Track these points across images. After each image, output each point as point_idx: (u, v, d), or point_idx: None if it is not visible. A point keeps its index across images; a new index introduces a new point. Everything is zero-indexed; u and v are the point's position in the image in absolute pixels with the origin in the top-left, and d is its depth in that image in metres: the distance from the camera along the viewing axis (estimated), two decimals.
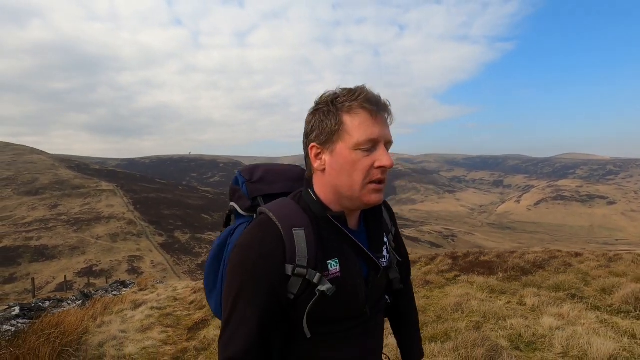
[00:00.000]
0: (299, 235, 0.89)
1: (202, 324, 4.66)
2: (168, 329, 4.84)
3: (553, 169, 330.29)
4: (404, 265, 1.17)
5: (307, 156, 0.96)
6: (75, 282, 42.07)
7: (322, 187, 0.95)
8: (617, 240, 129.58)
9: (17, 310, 6.14)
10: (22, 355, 3.06)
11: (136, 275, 44.03)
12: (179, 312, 5.84)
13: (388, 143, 0.92)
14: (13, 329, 4.42)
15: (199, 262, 60.41)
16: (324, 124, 0.91)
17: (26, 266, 54.50)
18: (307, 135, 0.95)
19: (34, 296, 11.82)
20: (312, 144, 0.93)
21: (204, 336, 4.15)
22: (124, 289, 11.74)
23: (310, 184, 0.98)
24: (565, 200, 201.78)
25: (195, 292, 7.29)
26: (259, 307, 0.86)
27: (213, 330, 4.38)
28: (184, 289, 8.24)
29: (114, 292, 11.00)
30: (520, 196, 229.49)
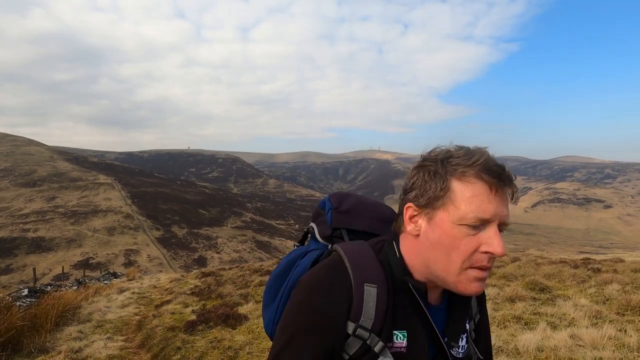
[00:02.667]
0: (370, 293, 0.77)
1: (167, 302, 5.91)
2: (141, 306, 6.06)
3: (551, 172, 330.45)
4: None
5: (400, 213, 0.83)
6: (72, 275, 41.65)
7: (410, 252, 0.81)
8: (612, 243, 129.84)
9: (25, 291, 7.95)
10: (37, 313, 4.20)
11: (128, 270, 43.69)
12: (153, 296, 6.80)
13: (503, 225, 0.75)
14: (26, 303, 5.73)
15: (195, 257, 60.02)
16: (427, 185, 0.77)
17: (23, 258, 54.12)
18: (405, 192, 0.82)
19: (34, 283, 12.29)
20: (409, 204, 0.79)
21: (164, 309, 5.49)
22: (114, 279, 12.69)
23: (397, 239, 0.84)
24: (562, 202, 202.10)
25: (171, 282, 8.31)
26: (310, 355, 0.76)
27: (172, 306, 5.64)
28: (165, 279, 9.16)
29: (105, 281, 12.37)
30: (518, 198, 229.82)
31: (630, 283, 5.46)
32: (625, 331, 3.36)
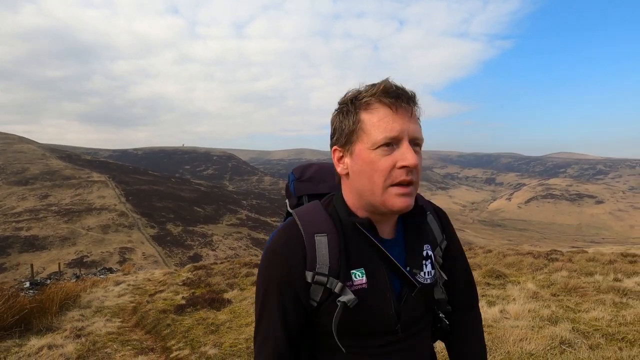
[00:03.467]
0: (321, 242, 0.84)
1: (160, 292, 6.35)
2: (136, 295, 6.47)
3: (545, 168, 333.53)
4: (461, 288, 1.00)
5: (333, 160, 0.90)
6: (66, 273, 41.79)
7: (348, 193, 0.88)
8: (603, 238, 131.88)
9: (27, 284, 8.50)
10: (43, 299, 4.57)
11: (123, 266, 43.89)
12: (148, 287, 7.20)
13: (414, 139, 0.81)
14: (29, 294, 6.10)
15: (191, 254, 60.24)
16: (343, 124, 0.84)
17: (16, 256, 53.99)
18: (330, 138, 0.89)
19: (33, 279, 12.79)
20: (334, 147, 0.87)
21: (158, 297, 5.90)
22: (110, 274, 13.04)
23: (340, 189, 0.91)
24: (555, 198, 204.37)
25: (165, 275, 8.77)
26: (283, 311, 0.84)
27: (165, 294, 6.08)
28: (159, 273, 9.65)
29: (101, 276, 13.52)
30: (512, 194, 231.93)
31: (577, 270, 6.09)
32: (549, 306, 3.96)
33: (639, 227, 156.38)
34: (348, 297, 0.81)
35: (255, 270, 7.96)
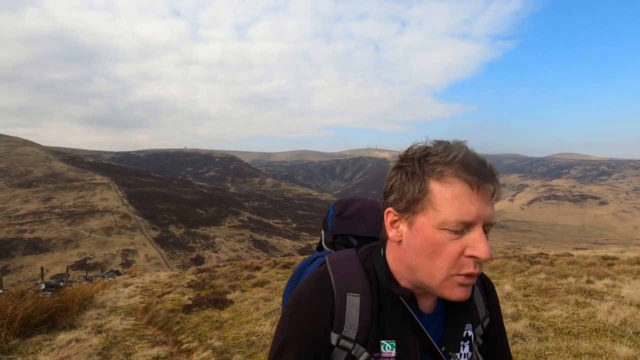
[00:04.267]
0: (352, 303, 0.75)
1: (167, 293, 6.95)
2: (145, 296, 6.95)
3: (547, 169, 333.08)
4: None
5: (382, 218, 0.79)
6: (69, 276, 42.42)
7: (394, 259, 0.78)
8: (606, 240, 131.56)
9: (43, 286, 9.10)
10: (64, 300, 5.01)
11: (130, 268, 44.50)
12: (155, 289, 7.65)
13: (488, 225, 0.70)
14: (47, 295, 6.57)
15: (193, 256, 60.80)
16: (405, 188, 0.72)
17: (20, 259, 54.64)
18: (385, 196, 0.77)
19: (42, 280, 13.39)
20: (389, 209, 0.76)
21: (166, 298, 6.52)
22: (117, 276, 13.50)
23: (384, 245, 0.81)
24: (558, 199, 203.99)
25: (170, 277, 9.24)
26: None
27: (172, 295, 6.73)
28: (164, 276, 10.19)
29: (109, 278, 13.20)
30: (514, 195, 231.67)
31: (555, 273, 6.54)
32: (516, 305, 4.43)
33: None
34: None
35: (257, 273, 8.45)
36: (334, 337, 0.74)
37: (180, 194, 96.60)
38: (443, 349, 0.78)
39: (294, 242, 75.64)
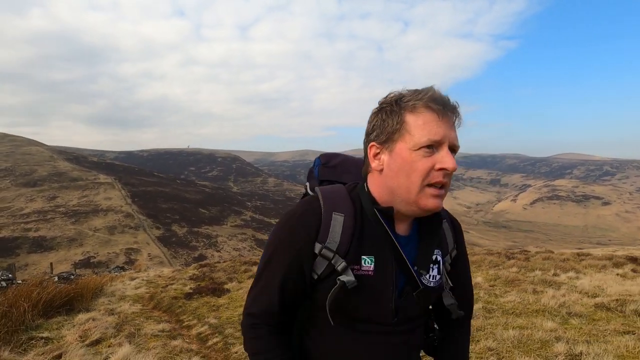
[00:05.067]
0: (337, 219, 0.88)
1: (170, 285, 7.66)
2: (150, 288, 7.55)
3: (550, 169, 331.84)
4: (459, 300, 1.00)
5: (365, 155, 0.94)
6: (76, 272, 43.12)
7: (377, 187, 0.92)
8: (609, 240, 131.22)
9: (56, 278, 10.20)
10: (79, 287, 5.58)
11: (135, 264, 45.18)
12: (159, 282, 8.32)
13: (453, 147, 0.86)
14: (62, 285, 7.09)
15: (196, 255, 61.47)
16: (385, 123, 0.88)
17: (24, 257, 55.48)
18: (367, 135, 0.92)
19: (52, 274, 14.21)
20: (372, 143, 0.90)
21: (169, 288, 7.21)
22: (123, 272, 14.31)
23: (365, 180, 0.95)
24: (560, 200, 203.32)
25: (174, 272, 10.05)
26: (284, 274, 0.89)
27: (175, 286, 7.40)
28: (168, 271, 10.88)
29: (115, 273, 14.32)
30: (517, 195, 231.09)
31: (526, 267, 7.11)
32: (478, 293, 5.00)
33: None
34: (348, 277, 0.84)
35: (253, 268, 9.06)
36: (317, 246, 0.86)
37: (183, 194, 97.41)
38: (415, 268, 0.91)
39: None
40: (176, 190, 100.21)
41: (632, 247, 24.09)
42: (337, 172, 1.07)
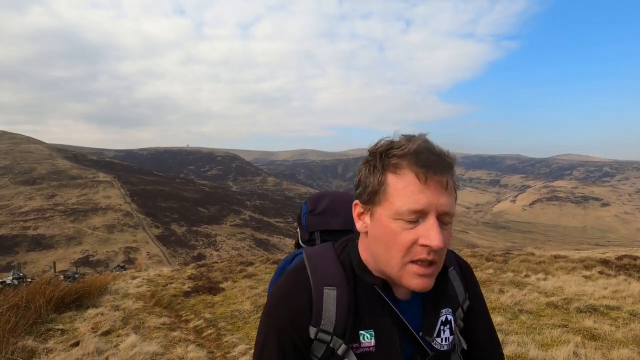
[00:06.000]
0: (329, 296, 0.77)
1: (170, 284, 8.04)
2: (151, 286, 7.89)
3: (550, 170, 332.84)
4: (481, 352, 0.89)
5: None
6: (77, 270, 43.51)
7: (364, 250, 0.81)
8: (608, 241, 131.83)
9: (62, 277, 10.57)
10: (87, 283, 6.11)
11: (135, 264, 45.66)
12: (159, 281, 8.72)
13: (444, 215, 0.71)
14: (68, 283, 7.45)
15: (195, 254, 61.95)
16: (367, 180, 0.75)
17: (23, 255, 55.82)
18: (355, 189, 0.81)
19: (55, 273, 14.78)
20: (355, 202, 0.79)
21: (169, 287, 7.58)
22: (124, 271, 14.93)
23: (358, 237, 0.84)
24: (560, 200, 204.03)
25: (172, 272, 10.42)
26: (279, 356, 0.78)
27: (174, 285, 7.78)
28: (167, 271, 11.30)
29: (117, 272, 14.79)
30: (516, 196, 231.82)
31: (501, 268, 7.64)
32: None
33: None
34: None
35: (249, 268, 9.58)
36: (312, 330, 0.77)
37: (182, 192, 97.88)
38: (421, 334, 0.80)
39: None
40: (175, 189, 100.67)
41: (626, 248, 24.59)
42: (326, 218, 1.00)
